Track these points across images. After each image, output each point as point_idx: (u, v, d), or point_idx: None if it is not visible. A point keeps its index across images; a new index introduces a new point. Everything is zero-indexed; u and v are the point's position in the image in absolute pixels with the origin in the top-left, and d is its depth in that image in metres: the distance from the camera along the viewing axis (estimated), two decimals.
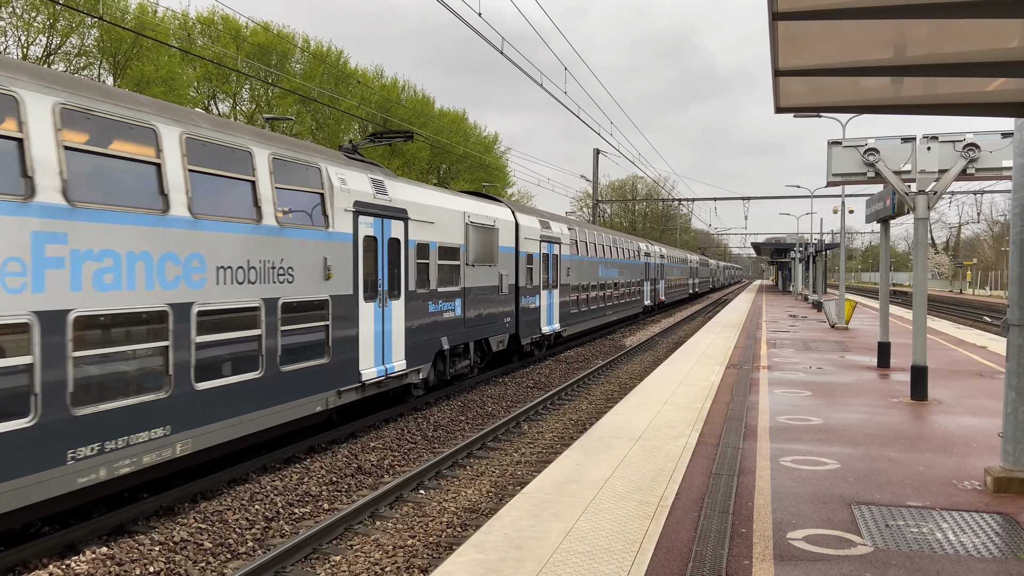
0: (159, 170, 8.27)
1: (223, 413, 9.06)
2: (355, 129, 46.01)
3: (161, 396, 8.14)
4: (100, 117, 7.67)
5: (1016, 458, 6.95)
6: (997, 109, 6.51)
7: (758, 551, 5.40)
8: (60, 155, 7.14)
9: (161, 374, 8.18)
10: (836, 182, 12.77)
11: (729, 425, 9.68)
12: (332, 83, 41.53)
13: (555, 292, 22.56)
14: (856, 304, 31.94)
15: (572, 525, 5.90)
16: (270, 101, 38.23)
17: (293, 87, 36.86)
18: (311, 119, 39.77)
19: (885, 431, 9.41)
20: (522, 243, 19.75)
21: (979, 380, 13.90)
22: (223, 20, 37.16)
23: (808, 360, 16.69)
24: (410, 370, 13.95)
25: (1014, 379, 7.02)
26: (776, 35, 4.76)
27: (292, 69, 39.92)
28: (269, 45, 37.42)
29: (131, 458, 7.80)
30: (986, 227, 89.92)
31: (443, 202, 15.69)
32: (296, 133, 40.12)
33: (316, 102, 37.45)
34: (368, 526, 8.53)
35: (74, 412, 7.15)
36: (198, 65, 34.26)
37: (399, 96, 49.68)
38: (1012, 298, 7.09)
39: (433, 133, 48.89)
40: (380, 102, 46.33)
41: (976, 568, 5.12)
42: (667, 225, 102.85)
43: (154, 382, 8.12)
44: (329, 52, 42.45)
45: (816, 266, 47.34)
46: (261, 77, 36.86)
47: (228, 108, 38.55)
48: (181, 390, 8.39)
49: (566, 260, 23.60)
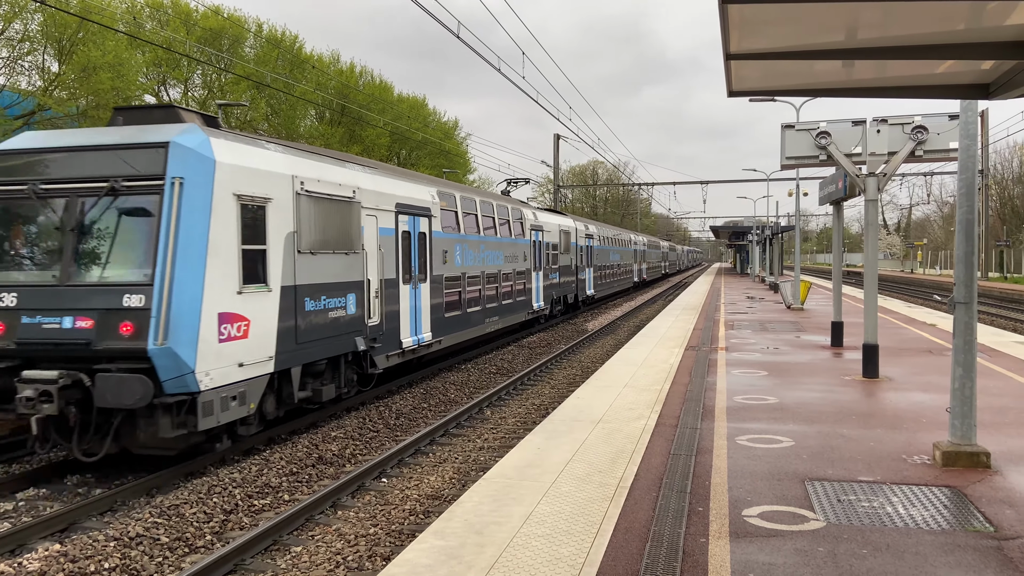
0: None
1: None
2: (312, 115, 45.35)
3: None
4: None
5: (964, 433, 7.16)
6: (945, 91, 6.62)
7: (714, 529, 5.49)
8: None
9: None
10: (790, 165, 12.95)
11: (687, 406, 9.81)
12: (287, 68, 40.80)
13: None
14: (811, 285, 32.56)
15: (533, 509, 5.93)
16: (223, 87, 37.43)
17: (247, 72, 36.15)
18: (266, 105, 39.04)
19: (838, 409, 9.63)
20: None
21: (928, 357, 14.29)
22: (172, 4, 36.24)
23: (765, 341, 16.98)
24: (433, 340, 16.80)
25: (961, 356, 7.22)
26: (726, 19, 4.77)
27: (245, 54, 39.13)
28: (220, 29, 36.60)
29: None
30: (936, 208, 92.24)
31: (476, 204, 19.97)
32: (250, 120, 39.42)
33: (270, 88, 36.76)
34: (330, 516, 8.48)
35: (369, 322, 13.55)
36: (147, 50, 33.38)
37: (357, 82, 49.05)
38: (959, 277, 7.28)
39: (392, 119, 48.41)
40: (338, 88, 45.68)
41: (925, 540, 5.28)
42: (628, 210, 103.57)
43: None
44: (284, 37, 41.69)
45: (772, 248, 48.15)
46: (213, 62, 36.07)
47: (179, 94, 37.67)
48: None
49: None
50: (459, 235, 18.47)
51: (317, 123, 45.84)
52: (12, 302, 9.38)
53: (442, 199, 17.55)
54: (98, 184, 9.46)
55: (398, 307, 14.98)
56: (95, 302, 9.15)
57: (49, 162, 9.83)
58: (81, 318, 9.16)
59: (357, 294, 13.23)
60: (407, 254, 15.47)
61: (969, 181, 7.31)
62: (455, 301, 18.25)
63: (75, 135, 10.24)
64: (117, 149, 9.58)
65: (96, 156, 9.65)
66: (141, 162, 9.47)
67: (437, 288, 17.07)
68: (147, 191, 9.38)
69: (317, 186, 11.96)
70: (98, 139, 9.81)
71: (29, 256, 9.80)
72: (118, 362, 8.98)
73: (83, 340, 9.06)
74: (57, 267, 9.47)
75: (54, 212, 9.61)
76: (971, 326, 7.22)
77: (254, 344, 10.31)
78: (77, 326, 9.13)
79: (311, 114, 45.18)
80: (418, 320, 16.05)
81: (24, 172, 9.79)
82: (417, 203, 15.95)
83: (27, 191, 9.60)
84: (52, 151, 9.90)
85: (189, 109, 10.96)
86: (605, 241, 39.08)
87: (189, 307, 9.13)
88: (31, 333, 9.23)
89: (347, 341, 12.89)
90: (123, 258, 9.41)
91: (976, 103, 7.35)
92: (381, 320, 14.17)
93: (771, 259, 47.54)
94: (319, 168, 12.35)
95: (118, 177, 9.38)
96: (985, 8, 4.69)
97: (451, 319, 17.93)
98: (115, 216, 9.50)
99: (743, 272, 74.89)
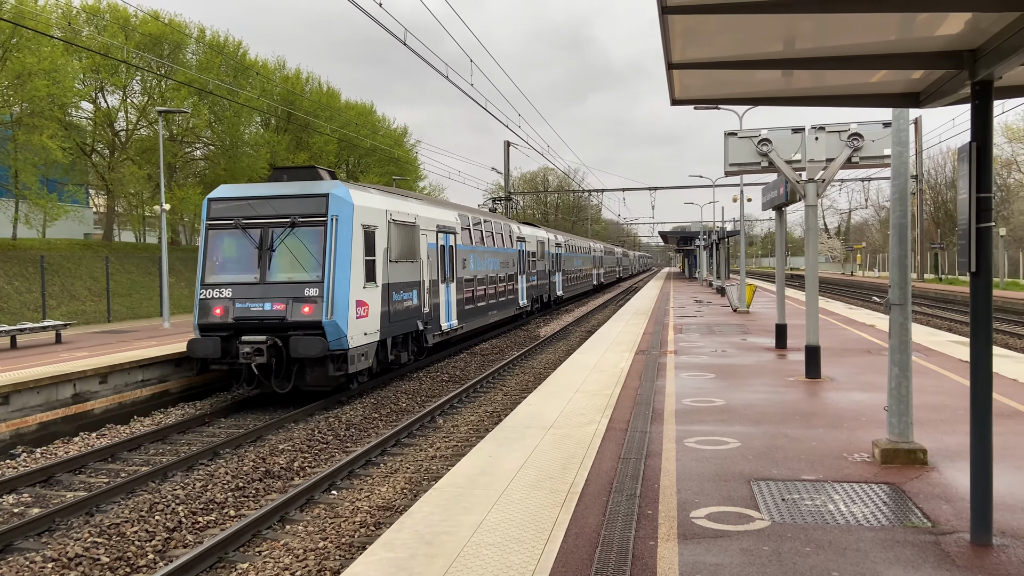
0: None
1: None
2: (256, 122, 44.59)
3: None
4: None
5: (901, 430, 7.37)
6: (878, 100, 6.83)
7: (663, 531, 5.55)
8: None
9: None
10: (733, 172, 13.21)
11: (637, 410, 9.91)
12: (231, 75, 40.06)
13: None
14: (756, 288, 33.25)
15: (483, 517, 5.91)
16: (163, 93, 36.57)
17: (188, 79, 35.38)
18: (209, 112, 38.23)
19: (782, 409, 9.84)
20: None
21: (868, 357, 14.70)
22: (110, 8, 35.30)
23: (712, 344, 17.27)
24: (459, 326, 21.97)
25: (896, 355, 7.44)
26: (667, 29, 4.85)
27: (186, 60, 38.30)
28: (160, 35, 35.74)
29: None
30: (873, 212, 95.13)
31: (483, 223, 25.66)
32: (192, 127, 38.60)
33: (213, 95, 36.03)
34: (277, 531, 8.32)
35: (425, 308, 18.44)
36: (84, 56, 32.44)
37: (303, 88, 48.44)
38: (893, 279, 7.51)
39: (340, 126, 47.92)
40: (283, 94, 45.06)
41: (866, 536, 5.41)
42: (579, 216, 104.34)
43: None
44: (227, 42, 40.95)
45: (719, 253, 49.06)
46: (153, 69, 35.23)
47: (118, 101, 36.69)
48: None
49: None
50: (471, 247, 23.69)
51: (263, 130, 45.09)
52: (229, 294, 14.61)
53: (461, 220, 22.86)
54: (283, 219, 14.71)
55: (439, 300, 20.19)
56: (287, 292, 14.38)
57: (247, 205, 15.00)
58: (277, 303, 14.33)
59: (418, 290, 18.47)
60: (443, 262, 20.70)
61: (902, 186, 7.55)
62: (470, 297, 23.40)
63: (263, 187, 15.39)
64: (295, 198, 14.80)
65: (281, 201, 14.83)
66: (311, 206, 14.68)
67: (459, 287, 22.25)
68: (315, 224, 14.61)
69: (398, 216, 17.27)
70: (281, 191, 15.00)
71: (237, 265, 14.87)
72: (302, 330, 14.13)
73: (279, 317, 14.27)
74: (257, 271, 14.69)
75: (253, 237, 14.80)
76: (906, 327, 7.45)
77: (371, 321, 15.57)
78: (275, 308, 14.31)
79: (256, 121, 44.42)
80: (449, 310, 21.30)
81: (231, 212, 15.01)
82: (448, 224, 21.35)
83: (234, 224, 14.92)
84: (249, 199, 15.06)
85: (322, 168, 16.19)
86: (570, 249, 44.68)
87: (342, 295, 14.35)
88: (242, 314, 14.46)
89: (412, 323, 18.14)
90: (302, 265, 14.57)
91: (908, 111, 7.61)
92: (430, 309, 19.40)
93: (718, 263, 48.41)
94: (398, 203, 17.79)
95: (296, 215, 14.67)
96: (914, 20, 4.86)
97: (469, 310, 23.20)
98: (295, 240, 14.66)
99: (691, 276, 76.10)
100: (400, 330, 17.23)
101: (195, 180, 41.02)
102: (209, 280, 14.93)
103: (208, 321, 14.64)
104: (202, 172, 42.15)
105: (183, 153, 40.52)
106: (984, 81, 5.09)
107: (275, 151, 42.97)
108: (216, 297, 14.71)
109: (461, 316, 22.20)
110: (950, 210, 70.09)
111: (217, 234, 15.10)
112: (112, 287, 28.14)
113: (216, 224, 15.12)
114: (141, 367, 15.31)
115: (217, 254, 15.10)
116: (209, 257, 15.13)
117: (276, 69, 47.15)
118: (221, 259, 15.00)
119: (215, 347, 14.29)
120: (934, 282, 58.55)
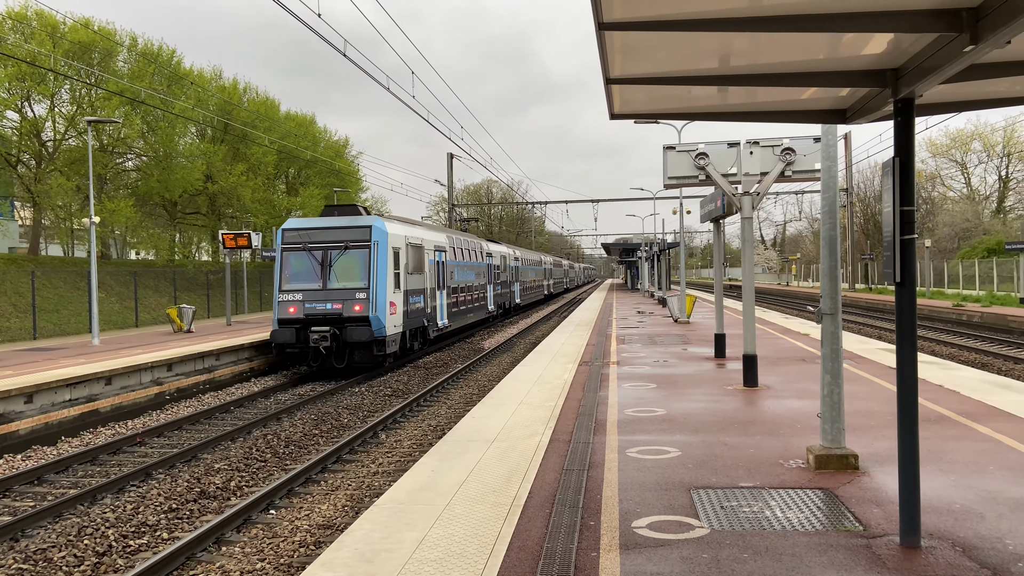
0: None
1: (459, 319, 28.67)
2: (192, 133, 43.55)
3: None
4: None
5: (833, 436, 7.58)
6: (808, 116, 7.05)
7: (605, 542, 5.57)
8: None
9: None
10: (672, 185, 13.46)
11: (580, 421, 9.96)
12: (164, 84, 39.04)
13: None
14: (696, 299, 33.87)
15: (425, 534, 5.84)
16: (93, 103, 35.39)
17: (119, 88, 34.35)
18: (141, 122, 37.16)
19: (721, 418, 10.01)
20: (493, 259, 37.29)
21: (803, 365, 15.11)
22: (37, 15, 34.07)
23: (654, 354, 17.50)
24: (449, 324, 27.89)
25: (829, 363, 7.66)
26: (604, 45, 4.92)
27: (118, 69, 37.18)
28: (90, 43, 34.61)
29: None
30: (807, 224, 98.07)
31: (463, 242, 31.77)
32: (124, 137, 37.49)
33: (146, 104, 35.07)
34: (213, 553, 8.07)
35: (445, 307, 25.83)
36: (9, 64, 31.22)
37: (240, 99, 47.55)
38: (824, 289, 7.74)
39: (280, 137, 47.16)
40: (220, 104, 44.14)
41: (801, 541, 5.54)
42: (522, 228, 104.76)
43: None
44: (160, 51, 39.93)
45: (660, 264, 49.83)
46: (82, 77, 34.11)
47: (45, 110, 35.36)
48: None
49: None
50: (456, 262, 29.66)
51: (198, 141, 44.05)
52: (300, 297, 20.04)
53: (448, 240, 29.00)
54: (339, 244, 20.43)
55: (436, 304, 26.06)
56: (342, 296, 19.96)
57: (311, 233, 20.65)
58: (335, 303, 19.90)
59: (424, 296, 24.44)
60: (439, 274, 26.54)
61: (831, 200, 7.80)
62: (455, 302, 29.20)
63: (320, 220, 21.37)
64: (346, 228, 20.59)
65: (335, 231, 20.57)
66: (358, 235, 20.37)
67: (448, 294, 27.99)
68: (362, 247, 20.30)
69: (412, 240, 23.22)
70: (334, 223, 20.83)
71: (305, 276, 20.38)
72: (354, 323, 19.71)
73: (337, 313, 19.81)
74: (320, 281, 20.28)
75: (316, 257, 20.41)
76: (837, 335, 7.68)
77: (398, 317, 21.34)
78: (334, 307, 19.85)
79: (192, 132, 43.38)
80: (442, 312, 27.07)
81: (300, 239, 20.56)
82: (441, 244, 27.25)
83: (302, 247, 20.47)
84: (311, 228, 20.83)
85: (361, 205, 22.95)
86: (525, 262, 51.43)
87: (381, 298, 20.00)
88: (310, 311, 19.90)
89: (420, 320, 24.09)
90: (354, 276, 20.23)
91: (836, 127, 7.88)
92: (431, 310, 25.46)
93: (659, 275, 49.17)
94: (411, 230, 23.92)
95: (348, 241, 20.37)
96: (841, 40, 5.04)
97: (455, 312, 29.07)
98: (347, 258, 20.34)
99: (634, 287, 77.08)
100: (413, 325, 23.26)
101: (127, 192, 39.77)
102: (285, 287, 20.45)
103: (285, 317, 20.17)
104: (134, 183, 40.93)
105: (114, 164, 39.27)
106: (906, 99, 5.30)
107: (211, 162, 42.00)
108: (290, 300, 20.21)
109: (450, 317, 28.21)
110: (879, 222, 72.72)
111: (289, 254, 20.66)
112: (38, 303, 27.02)
113: (289, 247, 20.74)
114: (68, 386, 14.73)
115: (290, 269, 20.61)
116: (284, 271, 20.63)
117: (212, 78, 46.18)
118: (293, 272, 20.52)
119: (291, 335, 19.96)
120: (865, 292, 60.61)
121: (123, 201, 35.73)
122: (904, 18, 4.40)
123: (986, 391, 11.61)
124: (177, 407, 17.02)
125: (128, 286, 33.36)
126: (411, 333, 23.04)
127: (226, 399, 17.55)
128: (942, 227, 65.10)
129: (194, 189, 41.47)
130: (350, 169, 57.85)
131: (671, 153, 13.10)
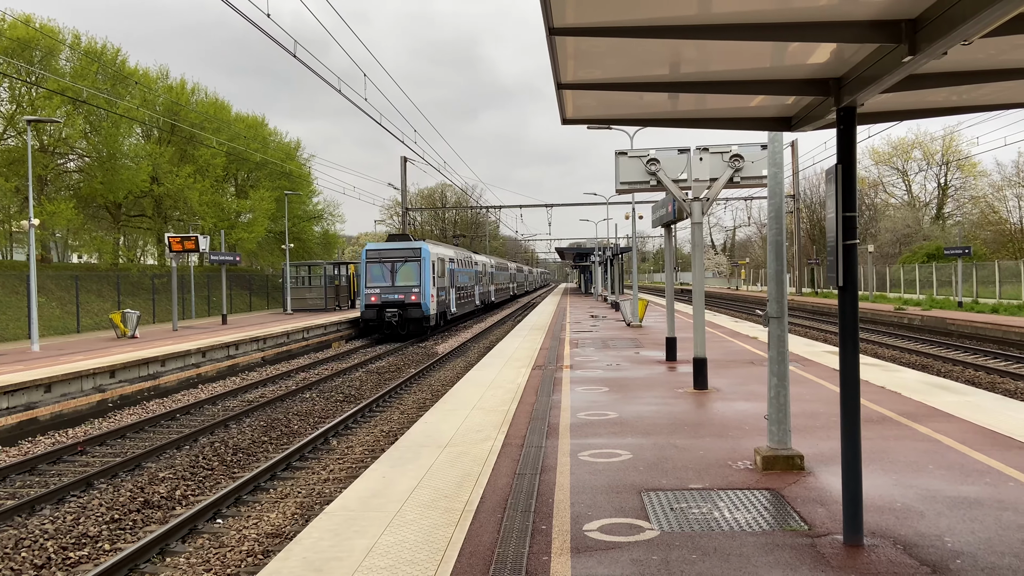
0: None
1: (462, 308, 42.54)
2: (137, 133, 42.48)
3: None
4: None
5: (780, 438, 7.72)
6: (755, 124, 7.18)
7: (556, 546, 5.58)
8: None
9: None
10: (624, 190, 13.59)
11: (533, 425, 9.97)
12: (108, 83, 38.02)
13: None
14: (648, 303, 34.21)
15: (376, 541, 5.77)
16: (33, 102, 34.29)
17: (61, 87, 33.35)
18: (83, 122, 36.11)
19: (672, 420, 10.13)
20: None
21: (751, 368, 15.38)
22: None
23: (607, 358, 17.63)
24: (457, 313, 40.36)
25: (775, 366, 7.81)
26: (555, 50, 4.93)
27: (60, 67, 36.09)
28: (30, 40, 33.55)
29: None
30: (756, 230, 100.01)
31: (462, 254, 44.55)
32: (66, 137, 36.40)
33: (88, 104, 34.09)
34: (157, 564, 7.85)
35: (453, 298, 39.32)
36: None
37: (188, 99, 46.57)
38: (771, 293, 7.89)
39: (229, 139, 46.31)
40: (167, 105, 43.17)
41: (748, 541, 5.62)
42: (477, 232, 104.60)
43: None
44: (104, 50, 38.88)
45: (613, 269, 50.28)
46: (22, 75, 33.02)
47: None
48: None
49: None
50: (459, 268, 41.07)
51: (144, 142, 43.00)
52: (378, 291, 32.96)
53: (455, 253, 40.81)
54: (400, 258, 33.43)
55: (449, 298, 37.75)
56: (403, 291, 32.92)
57: (383, 251, 33.97)
58: (399, 295, 32.85)
59: (445, 291, 36.54)
60: (451, 277, 38.34)
61: (777, 205, 7.96)
62: (459, 297, 41.04)
63: (388, 244, 34.95)
64: (406, 249, 33.75)
65: (399, 251, 33.73)
66: (412, 253, 33.51)
67: (456, 291, 39.40)
68: (415, 260, 33.39)
69: (439, 255, 35.79)
70: (398, 246, 34.23)
71: (381, 278, 33.25)
72: (411, 308, 32.78)
73: (401, 301, 32.77)
74: (390, 281, 33.18)
75: (388, 266, 33.40)
76: (783, 338, 7.83)
77: (434, 305, 33.86)
78: (398, 296, 32.79)
79: (137, 132, 42.30)
80: (453, 303, 38.95)
81: (376, 256, 33.80)
82: (452, 257, 39.01)
83: (378, 260, 33.59)
84: (384, 249, 34.11)
85: (410, 235, 42.07)
86: (498, 268, 62.17)
87: (427, 292, 33.05)
88: (384, 300, 32.83)
89: (444, 308, 36.36)
90: (410, 278, 33.16)
91: (782, 135, 8.04)
92: (448, 302, 37.47)
93: (612, 279, 49.61)
94: (438, 248, 37.22)
95: (406, 257, 33.52)
96: (786, 50, 5.14)
97: (460, 303, 41.29)
98: (406, 268, 33.30)
99: (587, 292, 77.61)
100: (440, 310, 35.25)
101: (68, 193, 38.59)
102: (369, 285, 32.93)
103: (369, 304, 32.73)
104: (76, 185, 39.74)
105: (55, 165, 38.11)
106: (848, 107, 5.44)
107: (157, 164, 41.05)
108: (372, 292, 32.73)
109: (457, 307, 40.65)
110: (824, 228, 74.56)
111: (371, 265, 33.19)
112: None
113: (371, 260, 33.34)
114: (5, 393, 14.22)
115: (371, 274, 33.12)
116: (366, 275, 33.15)
117: (159, 78, 45.16)
118: (372, 276, 33.08)
119: (373, 314, 32.54)
120: (811, 296, 62.06)
121: (64, 203, 34.67)
122: (846, 29, 4.51)
123: (926, 392, 11.97)
124: (120, 415, 16.55)
125: (69, 290, 32.34)
126: (439, 315, 35.42)
127: (172, 406, 17.13)
128: (884, 233, 67.04)
129: (139, 191, 40.44)
130: (301, 172, 57.12)
131: (623, 158, 13.22)
